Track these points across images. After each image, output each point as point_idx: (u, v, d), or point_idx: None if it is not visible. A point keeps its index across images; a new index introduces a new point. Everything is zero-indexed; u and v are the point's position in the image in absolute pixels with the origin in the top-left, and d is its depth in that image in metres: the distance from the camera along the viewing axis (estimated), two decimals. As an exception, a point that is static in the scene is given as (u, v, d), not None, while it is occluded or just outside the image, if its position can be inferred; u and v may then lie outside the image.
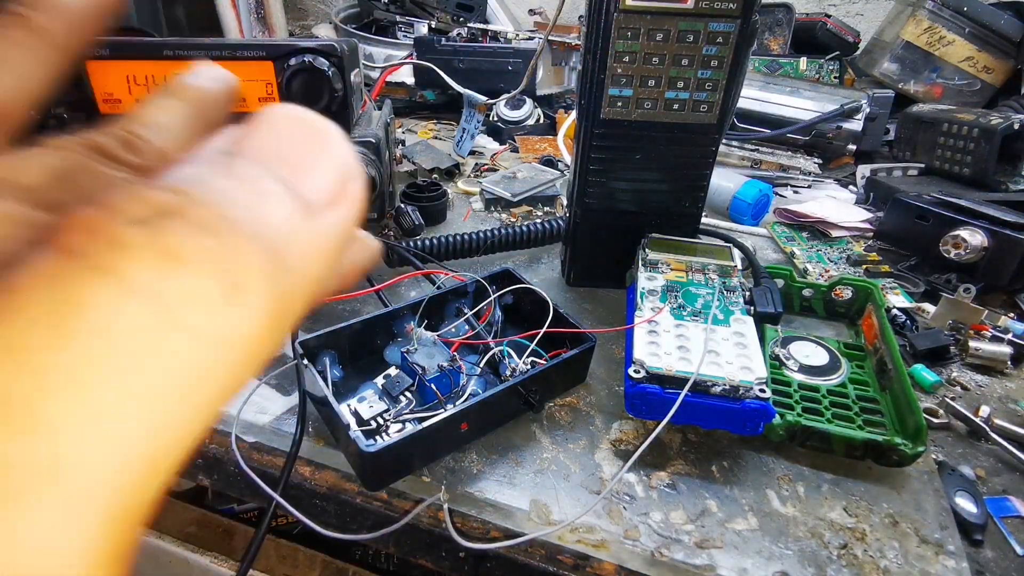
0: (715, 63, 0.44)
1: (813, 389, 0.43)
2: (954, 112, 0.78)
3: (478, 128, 0.85)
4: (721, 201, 0.72)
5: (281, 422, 0.41)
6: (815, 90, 0.89)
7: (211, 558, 0.48)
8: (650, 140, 0.47)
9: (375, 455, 0.33)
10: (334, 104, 0.47)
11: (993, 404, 0.46)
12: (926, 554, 0.34)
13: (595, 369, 0.46)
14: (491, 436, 0.40)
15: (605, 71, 0.44)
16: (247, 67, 0.45)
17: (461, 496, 0.36)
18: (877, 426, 0.40)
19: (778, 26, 1.08)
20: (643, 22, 0.43)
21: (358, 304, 0.54)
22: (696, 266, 0.47)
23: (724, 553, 0.34)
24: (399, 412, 0.39)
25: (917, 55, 0.97)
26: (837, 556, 0.34)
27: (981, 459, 0.42)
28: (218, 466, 0.40)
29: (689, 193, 0.50)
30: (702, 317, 0.41)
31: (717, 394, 0.36)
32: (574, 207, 0.52)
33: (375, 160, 0.51)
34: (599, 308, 0.54)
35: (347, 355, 0.43)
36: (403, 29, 1.18)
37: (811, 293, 0.53)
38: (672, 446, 0.40)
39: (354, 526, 0.37)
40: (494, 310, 0.46)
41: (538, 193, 0.73)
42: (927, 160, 0.80)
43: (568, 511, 0.35)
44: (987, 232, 0.56)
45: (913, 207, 0.62)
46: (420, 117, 1.07)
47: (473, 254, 0.59)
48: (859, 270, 0.62)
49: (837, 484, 0.38)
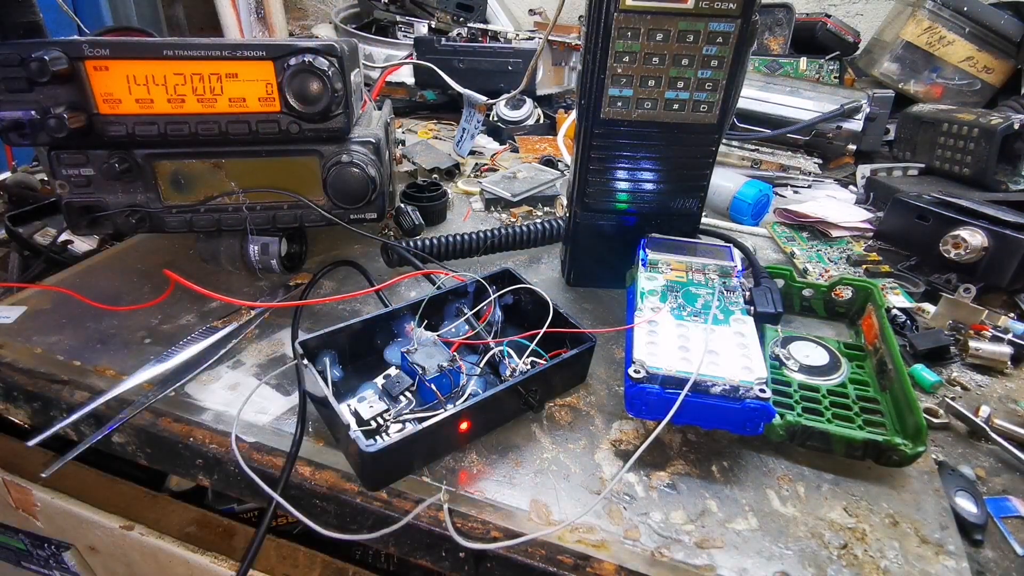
0: (715, 63, 0.44)
1: (813, 389, 0.43)
2: (954, 112, 0.78)
3: (478, 128, 0.85)
4: (721, 201, 0.72)
5: (281, 422, 0.41)
6: (815, 90, 0.89)
7: (211, 558, 0.48)
8: (650, 140, 0.47)
9: (375, 455, 0.33)
10: (334, 104, 0.47)
11: (993, 404, 0.46)
12: (926, 554, 0.34)
13: (595, 369, 0.46)
14: (491, 436, 0.40)
15: (605, 71, 0.44)
16: (247, 67, 0.45)
17: (461, 496, 0.36)
18: (877, 426, 0.40)
19: (778, 26, 1.08)
20: (643, 22, 0.43)
21: (358, 304, 0.54)
22: (696, 266, 0.47)
23: (724, 553, 0.34)
24: (399, 412, 0.39)
25: (917, 55, 0.97)
26: (837, 556, 0.34)
27: (981, 459, 0.42)
28: (218, 466, 0.40)
29: (689, 193, 0.50)
30: (702, 317, 0.41)
31: (717, 394, 0.36)
32: (574, 207, 0.52)
33: (375, 160, 0.51)
34: (599, 308, 0.54)
35: (347, 355, 0.43)
36: (403, 29, 1.18)
37: (811, 293, 0.53)
38: (672, 446, 0.40)
39: (354, 526, 0.37)
40: (494, 310, 0.46)
41: (538, 193, 0.73)
42: (927, 160, 0.80)
43: (568, 511, 0.35)
44: (987, 232, 0.56)
45: (913, 207, 0.62)
46: (420, 117, 1.07)
47: (473, 254, 0.59)
48: (859, 270, 0.62)
49: (837, 484, 0.38)
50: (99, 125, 0.46)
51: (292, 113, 0.47)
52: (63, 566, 0.58)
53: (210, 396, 0.43)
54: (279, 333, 0.50)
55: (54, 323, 0.50)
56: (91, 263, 0.60)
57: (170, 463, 0.42)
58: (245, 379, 0.45)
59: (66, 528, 0.54)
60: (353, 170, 0.50)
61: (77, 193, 0.49)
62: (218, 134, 0.47)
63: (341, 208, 0.52)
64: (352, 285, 0.56)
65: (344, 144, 0.50)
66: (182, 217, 0.51)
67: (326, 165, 0.50)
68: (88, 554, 0.55)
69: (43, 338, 0.48)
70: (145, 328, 0.49)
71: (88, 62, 0.44)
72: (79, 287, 0.54)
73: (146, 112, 0.46)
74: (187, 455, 0.40)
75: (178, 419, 0.41)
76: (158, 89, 0.45)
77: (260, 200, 0.51)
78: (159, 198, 0.50)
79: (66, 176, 0.48)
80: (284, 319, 0.51)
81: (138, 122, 0.46)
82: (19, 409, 0.45)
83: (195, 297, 0.52)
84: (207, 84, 0.46)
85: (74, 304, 0.51)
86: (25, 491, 0.53)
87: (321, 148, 0.50)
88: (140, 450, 0.42)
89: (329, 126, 0.49)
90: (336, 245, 0.62)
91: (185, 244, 0.61)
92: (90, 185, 0.49)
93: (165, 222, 0.51)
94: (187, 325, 0.50)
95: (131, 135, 0.46)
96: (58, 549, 0.56)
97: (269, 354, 0.47)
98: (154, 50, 0.44)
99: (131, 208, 0.50)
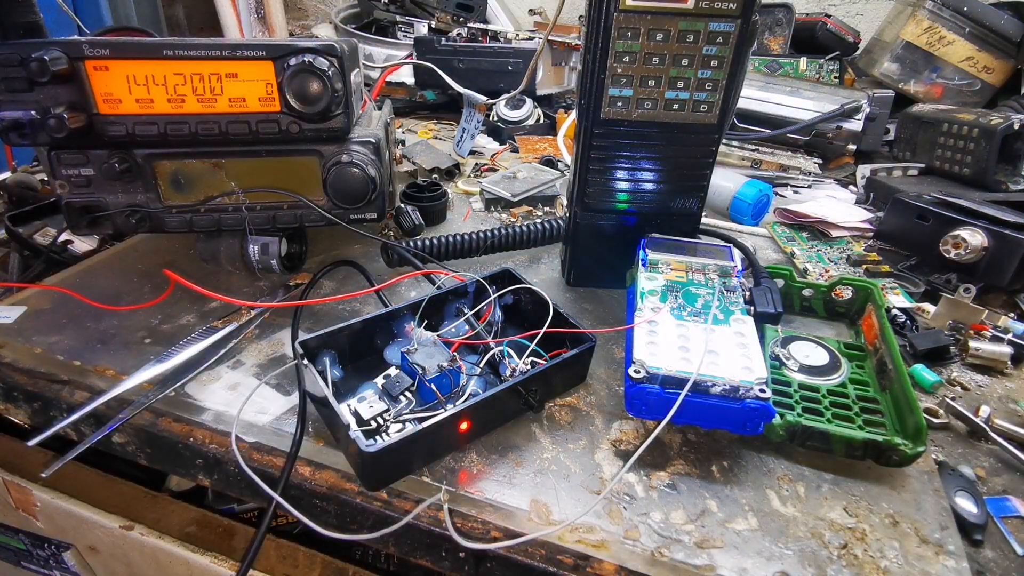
0: (715, 63, 0.44)
1: (813, 389, 0.43)
2: (954, 112, 0.78)
3: (478, 128, 0.85)
4: (721, 201, 0.72)
5: (281, 422, 0.41)
6: (815, 90, 0.89)
7: (211, 558, 0.48)
8: (650, 140, 0.47)
9: (375, 455, 0.33)
10: (334, 104, 0.47)
11: (993, 404, 0.46)
12: (926, 554, 0.34)
13: (595, 369, 0.46)
14: (491, 436, 0.40)
15: (605, 71, 0.44)
16: (247, 67, 0.45)
17: (461, 496, 0.36)
18: (877, 426, 0.40)
19: (778, 26, 1.08)
20: (643, 22, 0.43)
21: (358, 304, 0.54)
22: (696, 266, 0.47)
23: (724, 553, 0.34)
24: (399, 412, 0.39)
25: (917, 55, 0.97)
26: (837, 556, 0.34)
27: (981, 459, 0.42)
28: (218, 466, 0.40)
29: (689, 193, 0.50)
30: (702, 317, 0.41)
31: (717, 394, 0.36)
32: (574, 207, 0.52)
33: (375, 160, 0.51)
34: (599, 308, 0.54)
35: (347, 355, 0.43)
36: (403, 29, 1.18)
37: (811, 293, 0.53)
38: (672, 446, 0.40)
39: (354, 526, 0.37)
40: (494, 310, 0.46)
41: (538, 193, 0.73)
42: (927, 160, 0.80)
43: (568, 511, 0.35)
44: (987, 232, 0.56)
45: (913, 207, 0.62)
46: (420, 117, 1.07)
47: (473, 254, 0.59)
48: (859, 270, 0.62)
49: (837, 484, 0.38)
50: (99, 125, 0.46)
51: (292, 113, 0.47)
52: (63, 566, 0.58)
53: (210, 396, 0.43)
54: (279, 333, 0.50)
55: (54, 323, 0.50)
56: (91, 263, 0.60)
57: (170, 463, 0.42)
58: (245, 379, 0.45)
59: (66, 528, 0.54)
60: (353, 170, 0.50)
61: (77, 193, 0.49)
62: (218, 134, 0.47)
63: (341, 208, 0.52)
64: (352, 285, 0.56)
65: (344, 144, 0.50)
66: (182, 217, 0.51)
67: (326, 165, 0.50)
68: (88, 554, 0.55)
69: (43, 338, 0.48)
70: (145, 328, 0.49)
71: (88, 62, 0.44)
72: (79, 287, 0.54)
73: (146, 112, 0.46)
74: (187, 455, 0.40)
75: (178, 419, 0.41)
76: (158, 89, 0.45)
77: (260, 200, 0.51)
78: (159, 198, 0.50)
79: (66, 176, 0.48)
80: (284, 319, 0.51)
81: (138, 122, 0.46)
82: (19, 409, 0.45)
83: (195, 297, 0.52)
84: (207, 84, 0.46)
85: (74, 304, 0.51)
86: (25, 491, 0.53)
87: (321, 148, 0.50)
88: (140, 450, 0.42)
89: (329, 126, 0.49)
90: (336, 245, 0.62)
91: (185, 244, 0.61)
92: (90, 185, 0.49)
93: (165, 222, 0.51)
94: (187, 325, 0.50)
95: (131, 135, 0.46)
96: (58, 549, 0.56)
97: (269, 354, 0.47)
98: (154, 50, 0.44)
99: (131, 208, 0.50)
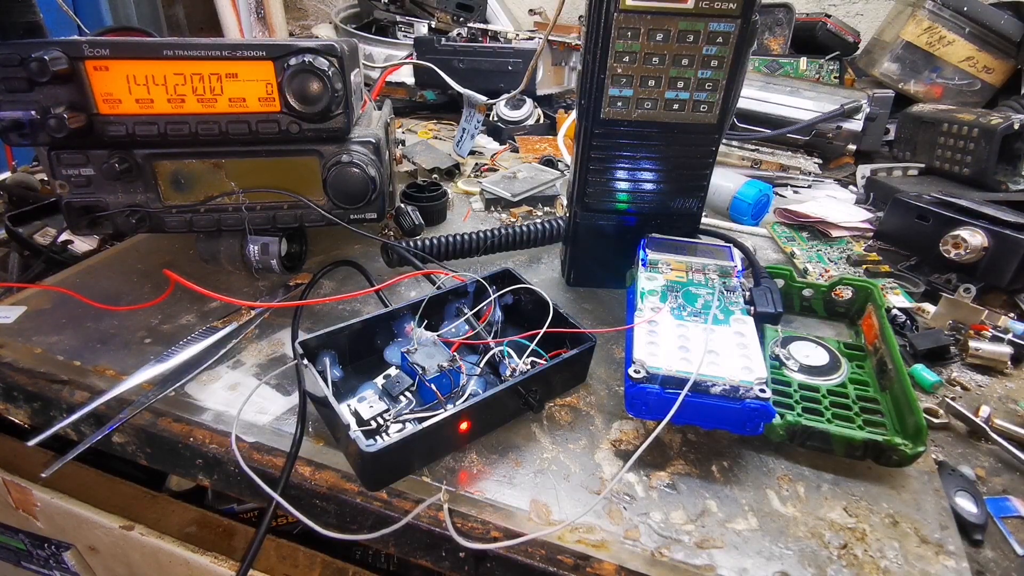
0: (715, 63, 0.44)
1: (813, 389, 0.43)
2: (954, 112, 0.78)
3: (478, 128, 0.85)
4: (721, 201, 0.72)
5: (281, 422, 0.41)
6: (815, 90, 0.89)
7: (211, 558, 0.48)
8: (650, 140, 0.47)
9: (375, 455, 0.33)
10: (334, 104, 0.47)
11: (993, 404, 0.46)
12: (926, 554, 0.34)
13: (595, 369, 0.46)
14: (491, 436, 0.40)
15: (605, 71, 0.44)
16: (247, 67, 0.45)
17: (461, 496, 0.36)
18: (877, 426, 0.40)
19: (778, 26, 1.08)
20: (643, 22, 0.43)
21: (358, 304, 0.54)
22: (696, 266, 0.47)
23: (724, 553, 0.34)
24: (399, 412, 0.39)
25: (917, 55, 0.97)
26: (837, 556, 0.34)
27: (981, 459, 0.42)
28: (218, 466, 0.40)
29: (689, 193, 0.50)
30: (702, 317, 0.41)
31: (717, 394, 0.36)
32: (574, 207, 0.52)
33: (375, 160, 0.51)
34: (599, 308, 0.54)
35: (347, 355, 0.43)
36: (403, 29, 1.18)
37: (811, 293, 0.53)
38: (672, 446, 0.40)
39: (354, 526, 0.37)
40: (494, 310, 0.46)
41: (538, 193, 0.73)
42: (927, 160, 0.80)
43: (568, 511, 0.35)
44: (987, 232, 0.56)
45: (913, 207, 0.62)
46: (420, 117, 1.07)
47: (473, 254, 0.59)
48: (859, 270, 0.62)
49: (837, 484, 0.38)
50: (99, 125, 0.46)
51: (292, 113, 0.47)
52: (63, 566, 0.58)
53: (210, 396, 0.43)
54: (279, 333, 0.50)
55: (54, 323, 0.50)
56: (91, 263, 0.60)
57: (170, 463, 0.42)
58: (245, 379, 0.45)
59: (66, 528, 0.54)
60: (353, 170, 0.50)
61: (77, 193, 0.49)
62: (218, 134, 0.47)
63: (341, 208, 0.52)
64: (352, 285, 0.56)
65: (344, 144, 0.50)
66: (182, 217, 0.51)
67: (326, 165, 0.50)
68: (88, 554, 0.55)
69: (43, 338, 0.48)
70: (145, 328, 0.49)
71: (88, 62, 0.44)
72: (79, 287, 0.54)
73: (146, 112, 0.46)
74: (187, 455, 0.40)
75: (178, 419, 0.41)
76: (158, 89, 0.45)
77: (260, 200, 0.51)
78: (159, 198, 0.50)
79: (66, 176, 0.48)
80: (284, 319, 0.51)
81: (138, 122, 0.46)
82: (19, 409, 0.45)
83: (195, 297, 0.52)
84: (207, 84, 0.46)
85: (74, 304, 0.51)
86: (25, 491, 0.53)
87: (321, 148, 0.50)
88: (140, 450, 0.42)
89: (329, 126, 0.49)
90: (336, 245, 0.62)
91: (185, 244, 0.61)
92: (90, 185, 0.49)
93: (165, 222, 0.51)
94: (187, 325, 0.50)
95: (131, 135, 0.46)
96: (58, 549, 0.56)
97: (269, 354, 0.47)
98: (154, 50, 0.44)
99: (131, 208, 0.50)
